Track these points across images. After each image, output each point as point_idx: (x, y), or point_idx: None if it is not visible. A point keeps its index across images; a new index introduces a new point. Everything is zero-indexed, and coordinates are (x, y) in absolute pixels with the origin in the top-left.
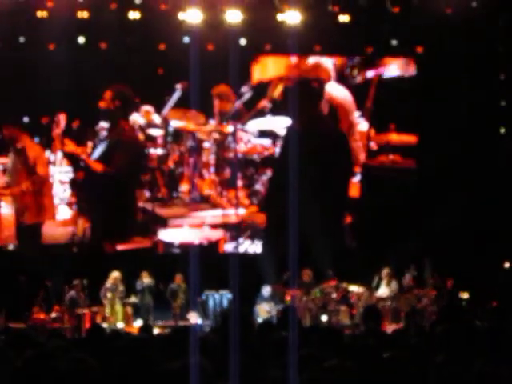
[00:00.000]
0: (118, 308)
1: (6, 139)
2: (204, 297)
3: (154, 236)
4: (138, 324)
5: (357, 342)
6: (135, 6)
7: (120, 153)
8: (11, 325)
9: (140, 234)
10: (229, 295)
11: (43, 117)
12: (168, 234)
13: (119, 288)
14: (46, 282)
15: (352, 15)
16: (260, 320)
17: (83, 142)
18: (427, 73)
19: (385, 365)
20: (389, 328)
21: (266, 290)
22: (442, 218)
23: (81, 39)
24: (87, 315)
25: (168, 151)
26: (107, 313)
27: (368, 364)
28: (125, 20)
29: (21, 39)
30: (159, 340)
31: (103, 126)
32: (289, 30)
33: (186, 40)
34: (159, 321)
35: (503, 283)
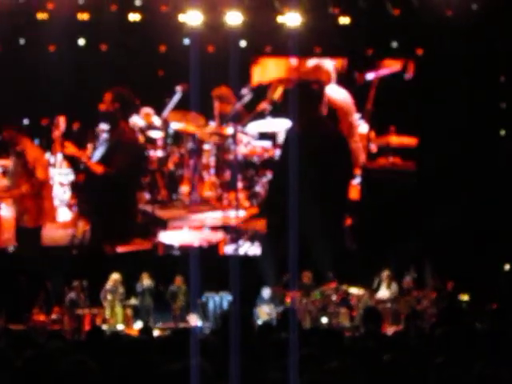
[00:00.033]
0: (118, 310)
1: (6, 141)
2: (204, 299)
3: (154, 238)
4: (138, 326)
5: (357, 344)
6: (135, 8)
7: (120, 154)
8: (11, 326)
9: (140, 236)
10: (229, 297)
11: (43, 118)
12: (168, 236)
13: (119, 290)
14: (46, 284)
15: (352, 17)
16: (260, 322)
17: (83, 144)
18: (427, 75)
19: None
20: (389, 330)
21: (266, 292)
22: (442, 220)
23: (81, 41)
24: (87, 317)
25: (168, 153)
26: (107, 315)
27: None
28: (125, 22)
29: (21, 41)
30: (159, 342)
31: (103, 128)
32: (289, 32)
33: (187, 42)
34: (159, 323)
35: (503, 285)
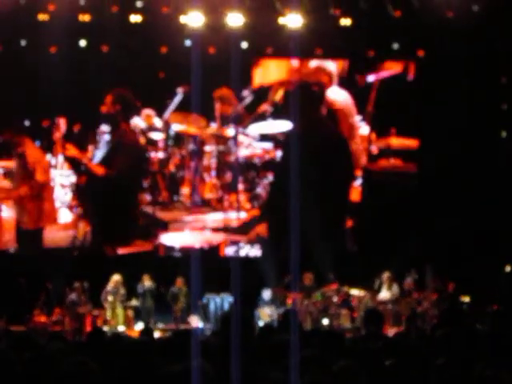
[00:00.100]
0: (119, 311)
1: (8, 143)
2: (205, 300)
3: (155, 239)
4: (139, 327)
5: (358, 346)
6: (137, 9)
7: (121, 156)
8: (12, 327)
9: (141, 238)
10: (230, 298)
11: (44, 120)
12: (169, 238)
13: (120, 291)
14: (47, 285)
15: (353, 19)
16: (261, 323)
17: (84, 146)
18: (428, 76)
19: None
20: (390, 331)
21: (267, 294)
22: (443, 222)
23: (82, 42)
24: (88, 318)
25: (169, 155)
26: (108, 316)
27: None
28: (126, 23)
29: (22, 42)
30: (160, 343)
31: (104, 130)
32: (290, 34)
33: (188, 43)
34: (160, 324)
35: (504, 287)
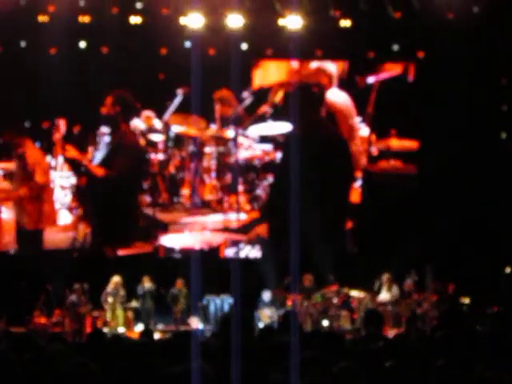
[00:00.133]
0: (119, 312)
1: (8, 144)
2: (205, 301)
3: (155, 241)
4: (139, 328)
5: (358, 347)
6: (137, 11)
7: (121, 157)
8: (12, 329)
9: (141, 239)
10: (230, 300)
11: (44, 121)
12: (169, 239)
13: (120, 293)
14: (47, 286)
15: (353, 20)
16: (261, 325)
17: (84, 148)
18: (428, 78)
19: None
20: (390, 333)
21: (267, 295)
22: (443, 223)
23: (82, 43)
24: (88, 319)
25: (169, 156)
26: (108, 317)
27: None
28: (126, 24)
29: (22, 43)
30: (160, 345)
31: (104, 131)
32: (290, 35)
33: (188, 44)
34: (160, 325)
35: (504, 288)
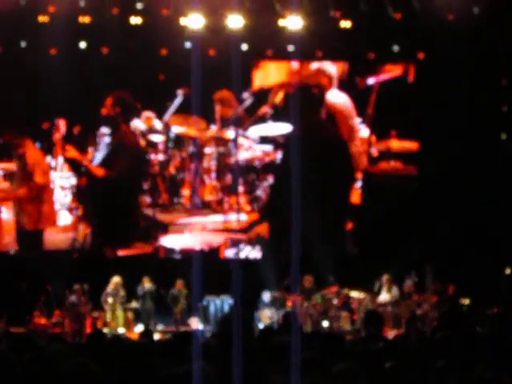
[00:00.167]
0: (119, 313)
1: (8, 144)
2: (205, 302)
3: (155, 241)
4: (139, 329)
5: (358, 348)
6: (137, 11)
7: (121, 157)
8: (12, 329)
9: (141, 240)
10: (230, 300)
11: (44, 122)
12: (169, 240)
13: (120, 293)
14: (47, 287)
15: (353, 21)
16: (262, 325)
17: (84, 148)
18: (428, 78)
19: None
20: (390, 334)
21: (267, 296)
22: (443, 224)
23: (82, 44)
24: (88, 320)
25: (169, 157)
26: (108, 318)
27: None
28: (126, 25)
29: (22, 43)
30: (160, 345)
31: (104, 132)
32: (290, 36)
33: (188, 45)
34: (160, 326)
35: (504, 289)
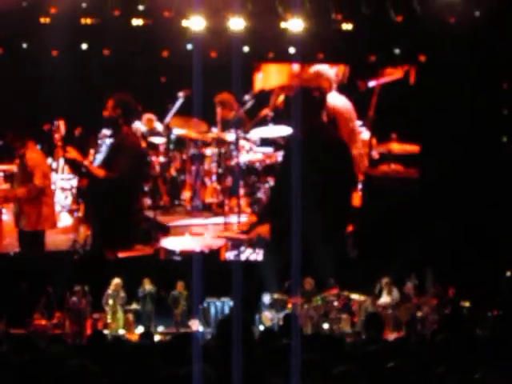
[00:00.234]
0: (120, 315)
1: (9, 146)
2: (205, 304)
3: (156, 243)
4: (140, 331)
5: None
6: (139, 13)
7: (122, 159)
8: (12, 330)
9: (142, 242)
10: (230, 303)
11: (45, 123)
12: (170, 242)
13: (120, 295)
14: (48, 288)
15: (355, 23)
16: (262, 328)
17: (85, 150)
18: (430, 82)
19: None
20: (390, 336)
21: (267, 298)
22: (444, 227)
23: (84, 45)
24: (88, 322)
25: (170, 159)
26: (108, 319)
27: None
28: (128, 27)
29: (23, 45)
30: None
31: (105, 134)
32: (292, 38)
33: (189, 47)
34: (160, 328)
35: (505, 292)
